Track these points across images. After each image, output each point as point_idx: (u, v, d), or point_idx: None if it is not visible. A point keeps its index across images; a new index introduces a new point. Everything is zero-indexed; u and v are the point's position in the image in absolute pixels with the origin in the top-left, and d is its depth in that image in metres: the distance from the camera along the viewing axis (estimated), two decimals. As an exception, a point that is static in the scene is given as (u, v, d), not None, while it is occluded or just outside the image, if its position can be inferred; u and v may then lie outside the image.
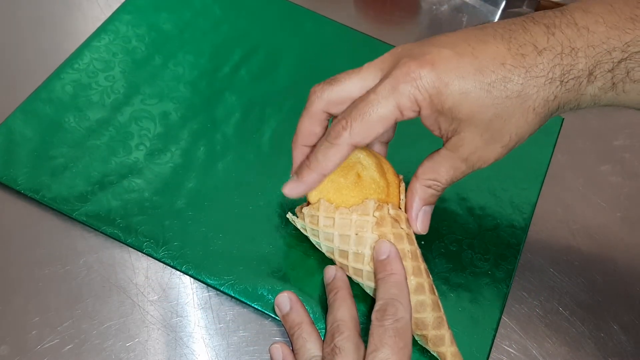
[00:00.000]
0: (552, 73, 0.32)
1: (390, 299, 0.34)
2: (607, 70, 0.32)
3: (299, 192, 0.37)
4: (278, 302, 0.38)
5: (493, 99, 0.32)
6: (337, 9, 0.57)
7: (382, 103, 0.33)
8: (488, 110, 0.32)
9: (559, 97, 0.32)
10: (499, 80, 0.32)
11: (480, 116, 0.32)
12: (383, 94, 0.33)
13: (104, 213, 0.41)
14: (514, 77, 0.32)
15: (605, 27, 0.32)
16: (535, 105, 0.32)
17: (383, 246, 0.36)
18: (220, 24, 0.53)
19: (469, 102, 0.32)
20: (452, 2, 0.60)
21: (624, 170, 0.49)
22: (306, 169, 0.36)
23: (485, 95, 0.32)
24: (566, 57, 0.32)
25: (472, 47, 0.32)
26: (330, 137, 0.34)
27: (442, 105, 0.33)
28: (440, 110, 0.33)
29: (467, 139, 0.34)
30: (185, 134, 0.46)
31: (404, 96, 0.32)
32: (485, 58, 0.32)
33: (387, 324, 0.33)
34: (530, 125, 0.33)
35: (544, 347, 0.40)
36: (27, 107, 0.46)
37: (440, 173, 0.35)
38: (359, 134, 0.33)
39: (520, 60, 0.32)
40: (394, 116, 0.33)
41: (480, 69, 0.32)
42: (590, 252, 0.45)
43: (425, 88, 0.32)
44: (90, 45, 0.50)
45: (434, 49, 0.33)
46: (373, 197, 0.37)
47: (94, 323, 0.38)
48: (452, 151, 0.35)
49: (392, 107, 0.33)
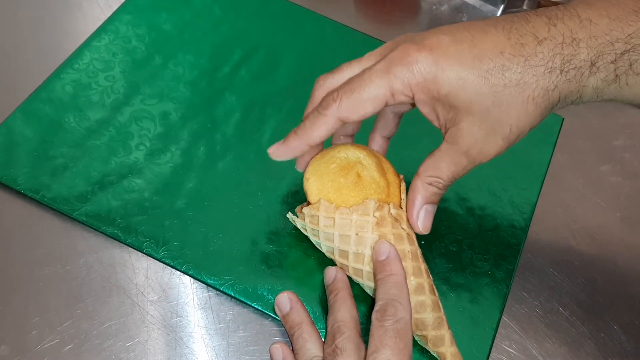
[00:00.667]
0: (552, 62, 0.31)
1: (390, 299, 0.34)
2: (609, 61, 0.31)
3: (280, 155, 0.37)
4: (278, 302, 0.38)
5: (491, 87, 0.32)
6: (337, 9, 0.57)
7: (374, 82, 0.33)
8: (486, 98, 0.32)
9: (560, 87, 0.32)
10: (497, 68, 0.32)
11: (479, 104, 0.32)
12: (377, 74, 0.33)
13: (104, 213, 0.41)
14: (513, 66, 0.32)
15: (608, 19, 0.31)
16: (535, 94, 0.32)
17: (382, 247, 0.36)
18: (220, 24, 0.53)
19: (466, 88, 0.32)
20: (452, 2, 0.60)
21: (624, 170, 0.49)
22: (292, 134, 0.36)
23: (483, 83, 0.32)
24: (567, 47, 0.31)
25: (471, 35, 0.32)
26: (320, 107, 0.35)
27: (439, 92, 0.33)
28: (437, 96, 0.33)
29: (466, 129, 0.33)
30: (185, 134, 0.46)
31: (398, 78, 0.33)
32: (484, 46, 0.32)
33: (387, 324, 0.33)
34: (531, 116, 0.33)
35: (544, 347, 0.40)
36: (27, 107, 0.46)
37: (442, 169, 0.35)
38: (346, 108, 0.34)
39: (519, 49, 0.32)
40: (384, 97, 0.33)
41: (478, 57, 0.32)
42: (590, 252, 0.45)
43: (420, 72, 0.32)
44: (90, 45, 0.50)
45: (433, 36, 0.33)
46: (373, 197, 0.37)
47: (94, 323, 0.38)
48: (451, 144, 0.34)
49: (383, 88, 0.33)
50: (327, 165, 0.38)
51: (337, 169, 0.37)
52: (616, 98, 0.33)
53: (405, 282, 0.35)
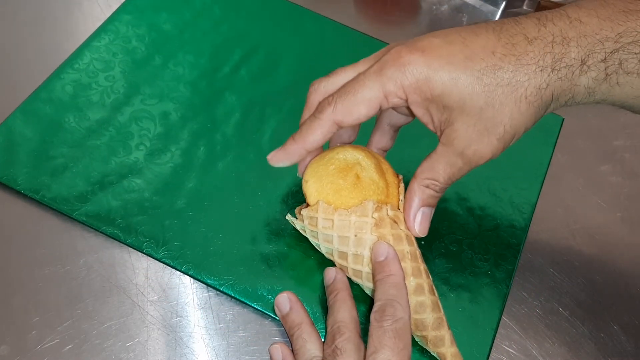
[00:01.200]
0: (543, 61, 0.32)
1: (389, 299, 0.34)
2: (599, 60, 0.32)
3: (279, 160, 0.38)
4: (278, 302, 0.38)
5: (483, 86, 0.32)
6: (337, 9, 0.57)
7: (367, 84, 0.34)
8: (479, 98, 0.32)
9: (552, 85, 0.32)
10: (489, 67, 0.32)
11: (471, 104, 0.33)
12: (370, 77, 0.34)
13: (104, 213, 0.41)
14: (505, 65, 0.32)
15: (597, 19, 0.32)
16: (527, 93, 0.32)
17: (381, 247, 0.36)
18: (220, 24, 0.53)
19: (458, 88, 0.32)
20: (452, 2, 0.60)
21: (624, 170, 0.49)
22: (290, 140, 0.37)
23: (475, 82, 0.32)
24: (557, 46, 0.32)
25: (462, 37, 0.33)
26: (316, 112, 0.36)
27: (432, 92, 0.33)
28: (430, 98, 0.33)
29: (461, 130, 0.34)
30: (185, 134, 0.46)
31: (390, 80, 0.33)
32: (476, 47, 0.32)
33: (386, 325, 0.33)
34: (524, 115, 0.33)
35: (544, 347, 0.40)
36: (27, 107, 0.46)
37: (438, 171, 0.35)
38: (341, 111, 0.34)
39: (510, 49, 0.32)
40: (378, 100, 0.34)
41: (470, 57, 0.32)
42: (590, 252, 0.45)
43: (412, 73, 0.33)
44: (91, 45, 0.50)
45: (425, 39, 0.34)
46: (372, 198, 0.37)
47: (94, 323, 0.38)
48: (447, 145, 0.35)
49: (376, 90, 0.34)
50: (326, 167, 0.38)
51: (335, 170, 0.37)
52: (607, 99, 0.34)
53: (404, 282, 0.35)
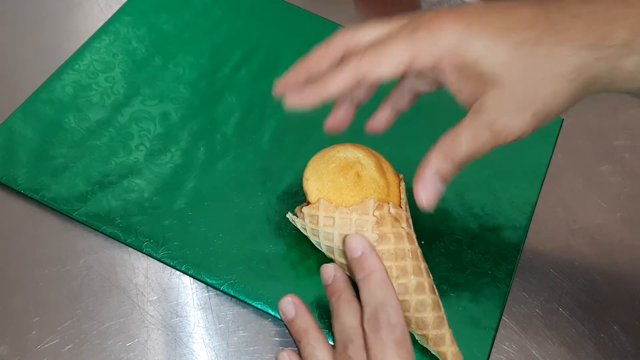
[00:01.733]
0: (585, 39, 0.30)
1: (379, 303, 0.33)
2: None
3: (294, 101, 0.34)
4: (282, 307, 0.36)
5: (521, 59, 0.30)
6: (337, 9, 0.57)
7: (397, 42, 0.32)
8: (517, 70, 0.31)
9: (592, 65, 0.30)
10: (528, 39, 0.30)
11: (508, 75, 0.31)
12: (402, 35, 0.32)
13: (103, 213, 0.41)
14: (545, 38, 0.30)
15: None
16: (566, 70, 0.30)
17: (354, 242, 0.34)
18: (220, 24, 0.53)
19: (495, 57, 0.31)
20: (452, 2, 0.60)
21: (624, 170, 0.49)
22: (309, 84, 0.34)
23: (513, 53, 0.30)
24: (601, 25, 0.30)
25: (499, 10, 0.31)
26: (341, 65, 0.33)
27: (465, 59, 0.31)
28: (463, 65, 0.31)
29: (493, 100, 0.31)
30: (185, 134, 0.46)
31: (422, 42, 0.31)
32: (514, 19, 0.31)
33: (384, 335, 0.31)
34: (562, 95, 0.31)
35: (544, 347, 0.40)
36: (27, 107, 0.46)
37: (461, 141, 0.32)
38: (367, 65, 0.32)
39: (551, 25, 0.30)
40: (406, 61, 0.32)
41: (508, 27, 0.31)
42: (590, 252, 0.45)
43: (447, 38, 0.31)
44: (91, 46, 0.50)
45: (460, 7, 0.32)
46: (373, 196, 0.37)
47: (94, 323, 0.38)
48: (476, 114, 0.32)
49: (406, 51, 0.32)
50: (327, 165, 0.38)
51: (336, 168, 0.37)
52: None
53: (388, 277, 0.34)
